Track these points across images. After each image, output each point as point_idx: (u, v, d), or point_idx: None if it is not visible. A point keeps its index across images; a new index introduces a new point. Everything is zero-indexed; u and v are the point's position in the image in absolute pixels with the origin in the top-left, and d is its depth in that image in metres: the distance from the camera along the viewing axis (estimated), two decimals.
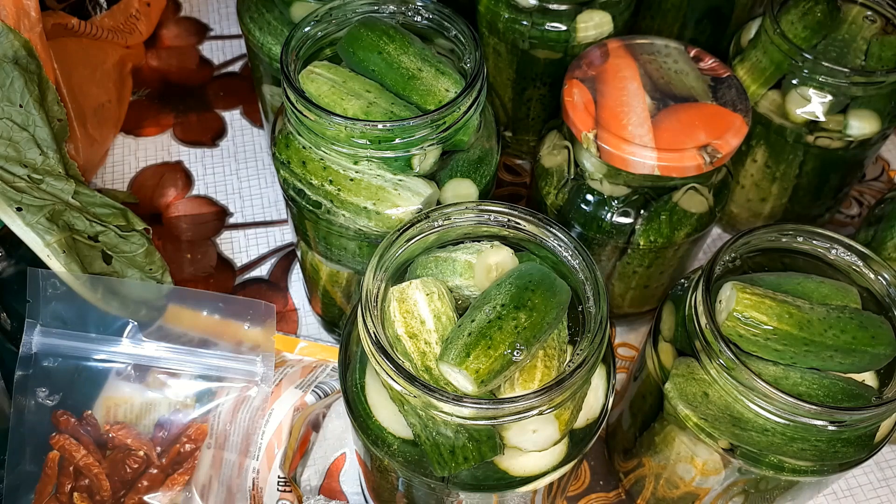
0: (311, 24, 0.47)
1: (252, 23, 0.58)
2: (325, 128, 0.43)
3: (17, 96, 0.55)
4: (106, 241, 0.55)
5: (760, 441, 0.40)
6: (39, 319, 0.51)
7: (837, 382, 0.40)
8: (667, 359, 0.44)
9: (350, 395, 0.41)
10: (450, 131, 0.44)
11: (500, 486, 0.38)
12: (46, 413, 0.51)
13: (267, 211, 0.71)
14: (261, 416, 0.52)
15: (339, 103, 0.44)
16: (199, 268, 0.67)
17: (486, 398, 0.35)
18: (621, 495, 0.56)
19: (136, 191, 0.72)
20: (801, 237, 0.44)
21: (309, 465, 0.56)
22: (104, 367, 0.52)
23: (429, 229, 0.40)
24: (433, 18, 0.49)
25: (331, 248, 0.49)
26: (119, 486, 0.49)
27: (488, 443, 0.37)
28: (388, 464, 0.40)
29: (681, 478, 0.46)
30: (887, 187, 0.75)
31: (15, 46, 0.56)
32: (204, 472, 0.51)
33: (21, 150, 0.54)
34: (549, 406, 0.35)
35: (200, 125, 0.78)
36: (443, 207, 0.40)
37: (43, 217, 0.51)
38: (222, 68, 0.83)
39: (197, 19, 0.88)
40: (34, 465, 0.50)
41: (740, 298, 0.40)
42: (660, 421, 0.45)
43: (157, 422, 0.52)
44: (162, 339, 0.53)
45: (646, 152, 0.47)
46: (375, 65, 0.46)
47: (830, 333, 0.40)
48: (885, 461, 0.58)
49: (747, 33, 0.61)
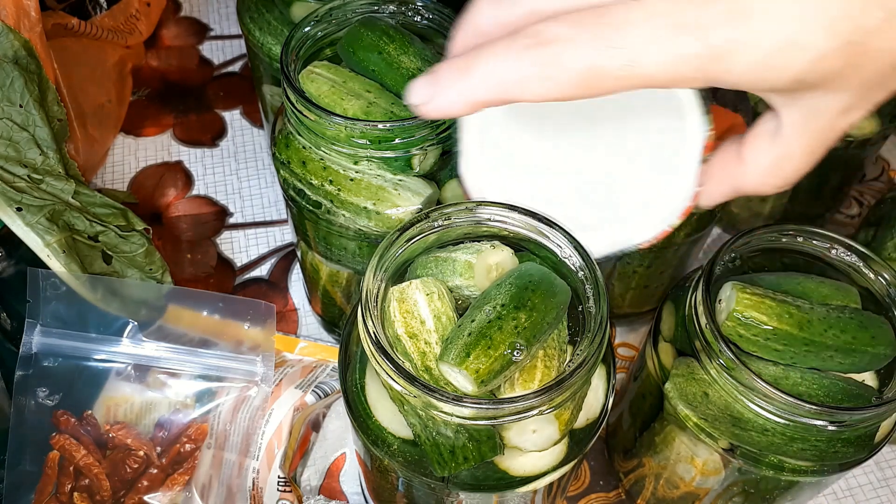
0: (311, 24, 0.47)
1: (252, 23, 0.58)
2: (325, 128, 0.43)
3: (17, 96, 0.55)
4: (106, 241, 0.55)
5: (760, 441, 0.40)
6: (39, 319, 0.51)
7: (837, 382, 0.40)
8: (667, 359, 0.44)
9: (350, 395, 0.41)
10: (450, 131, 0.44)
11: (500, 486, 0.38)
12: (46, 413, 0.51)
13: (267, 211, 0.71)
14: (261, 416, 0.52)
15: (339, 103, 0.44)
16: (199, 268, 0.67)
17: (486, 398, 0.35)
18: (621, 495, 0.56)
19: (136, 191, 0.72)
20: (801, 237, 0.44)
21: (309, 465, 0.56)
22: (104, 367, 0.52)
23: (429, 229, 0.40)
24: (433, 18, 0.49)
25: (331, 248, 0.49)
26: (119, 485, 0.49)
27: (488, 443, 0.37)
28: (388, 464, 0.40)
29: (681, 478, 0.46)
30: (887, 187, 0.75)
31: (15, 46, 0.56)
32: (204, 472, 0.51)
33: (21, 150, 0.54)
34: (549, 406, 0.35)
35: (200, 125, 0.78)
36: (443, 207, 0.40)
37: (43, 217, 0.51)
38: (222, 68, 0.83)
39: (197, 19, 0.88)
40: (34, 465, 0.50)
41: (740, 298, 0.40)
42: (660, 421, 0.45)
43: (157, 422, 0.52)
44: (162, 339, 0.53)
45: None
46: (375, 65, 0.46)
47: (830, 333, 0.40)
48: (886, 461, 0.58)
49: None
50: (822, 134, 0.29)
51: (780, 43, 0.25)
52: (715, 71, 0.26)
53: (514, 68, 0.27)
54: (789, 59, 0.25)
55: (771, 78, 0.26)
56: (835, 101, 0.27)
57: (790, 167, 0.31)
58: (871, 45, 0.25)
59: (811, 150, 0.30)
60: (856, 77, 0.26)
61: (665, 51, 0.25)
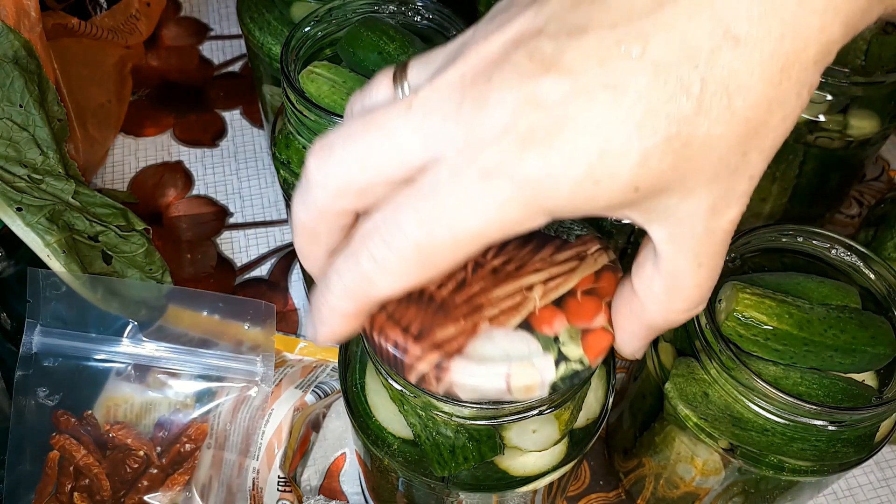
0: (311, 24, 0.47)
1: (252, 23, 0.58)
2: (325, 128, 0.43)
3: (17, 96, 0.55)
4: (106, 241, 0.55)
5: (760, 441, 0.40)
6: (39, 319, 0.51)
7: (837, 382, 0.40)
8: (667, 359, 0.44)
9: (350, 394, 0.41)
10: None
11: (500, 485, 0.38)
12: (47, 413, 0.51)
13: (267, 211, 0.71)
14: (261, 416, 0.52)
15: (339, 103, 0.44)
16: (199, 268, 0.67)
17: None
18: (621, 495, 0.56)
19: (135, 191, 0.72)
20: (801, 237, 0.44)
21: (309, 465, 0.56)
22: (104, 367, 0.52)
23: None
24: (433, 19, 0.49)
25: None
26: (119, 485, 0.49)
27: (488, 443, 0.37)
28: (388, 464, 0.40)
29: (681, 478, 0.46)
30: (887, 187, 0.75)
31: (15, 46, 0.56)
32: (204, 472, 0.51)
33: (21, 150, 0.54)
34: (549, 406, 0.35)
35: (200, 125, 0.78)
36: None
37: (43, 217, 0.51)
38: (222, 68, 0.83)
39: (197, 19, 0.88)
40: (34, 464, 0.50)
41: (740, 298, 0.40)
42: (660, 421, 0.45)
43: (157, 422, 0.52)
44: (162, 339, 0.53)
45: None
46: (376, 65, 0.46)
47: (830, 333, 0.40)
48: (886, 461, 0.58)
49: None
50: (702, 243, 0.26)
51: (595, 154, 0.22)
52: (543, 205, 0.23)
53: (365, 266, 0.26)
54: (611, 169, 0.23)
55: (603, 194, 0.23)
56: (693, 204, 0.24)
57: (687, 286, 0.27)
58: (694, 135, 0.22)
59: (699, 262, 0.26)
60: (697, 172, 0.23)
61: (482, 205, 0.23)
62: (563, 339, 0.32)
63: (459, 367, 0.30)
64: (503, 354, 0.31)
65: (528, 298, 0.33)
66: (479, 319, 0.32)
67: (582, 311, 0.32)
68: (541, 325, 0.32)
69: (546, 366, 0.31)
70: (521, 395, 0.31)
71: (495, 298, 0.33)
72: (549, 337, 0.32)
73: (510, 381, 0.30)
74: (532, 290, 0.33)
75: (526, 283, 0.33)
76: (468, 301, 0.33)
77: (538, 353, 0.31)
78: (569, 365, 0.31)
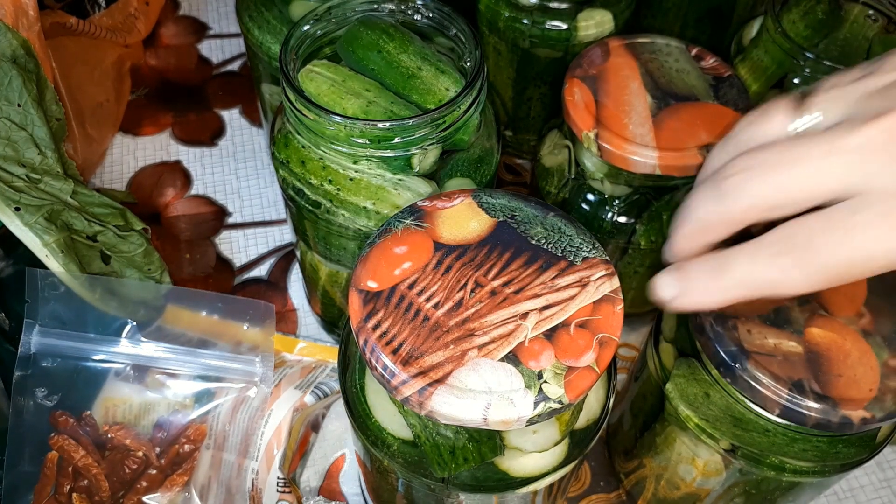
0: (310, 22, 0.47)
1: (251, 21, 0.58)
2: (324, 127, 0.42)
3: (15, 95, 0.55)
4: (104, 240, 0.55)
5: (762, 442, 0.39)
6: (38, 320, 0.51)
7: None
8: (668, 359, 0.44)
9: (350, 395, 0.41)
10: (450, 130, 0.43)
11: (500, 486, 0.38)
12: (45, 413, 0.51)
13: (266, 211, 0.71)
14: (260, 416, 0.52)
15: (338, 102, 0.44)
16: (197, 268, 0.67)
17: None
18: (622, 496, 0.56)
19: (134, 190, 0.72)
20: None
21: (308, 465, 0.56)
22: (103, 367, 0.52)
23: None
24: (433, 17, 0.49)
25: (330, 247, 0.49)
26: (118, 486, 0.49)
27: (488, 443, 0.37)
28: (387, 464, 0.39)
29: (682, 479, 0.46)
30: None
31: (13, 45, 0.56)
32: (203, 473, 0.51)
33: (19, 149, 0.54)
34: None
35: (199, 124, 0.78)
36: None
37: (41, 217, 0.51)
38: (221, 67, 0.83)
39: (196, 18, 0.87)
40: (33, 465, 0.50)
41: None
42: (661, 422, 0.45)
43: (156, 422, 0.52)
44: (161, 340, 0.52)
45: (647, 151, 0.47)
46: (375, 63, 0.46)
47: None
48: (887, 462, 0.58)
49: (749, 32, 0.61)
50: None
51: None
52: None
53: (769, 271, 0.31)
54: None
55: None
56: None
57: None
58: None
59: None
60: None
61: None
62: (547, 375, 0.32)
63: (441, 397, 0.31)
64: (485, 387, 0.32)
65: (520, 327, 0.33)
66: (467, 347, 0.33)
67: (571, 346, 0.33)
68: (527, 359, 0.32)
69: (525, 404, 0.31)
70: (498, 427, 0.32)
71: (488, 324, 0.33)
72: (534, 372, 0.32)
73: (488, 414, 0.31)
74: (527, 317, 0.33)
75: (521, 311, 0.34)
76: (461, 325, 0.33)
77: (519, 389, 0.32)
78: (547, 404, 0.31)
